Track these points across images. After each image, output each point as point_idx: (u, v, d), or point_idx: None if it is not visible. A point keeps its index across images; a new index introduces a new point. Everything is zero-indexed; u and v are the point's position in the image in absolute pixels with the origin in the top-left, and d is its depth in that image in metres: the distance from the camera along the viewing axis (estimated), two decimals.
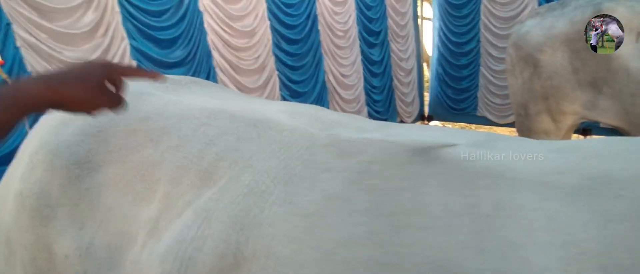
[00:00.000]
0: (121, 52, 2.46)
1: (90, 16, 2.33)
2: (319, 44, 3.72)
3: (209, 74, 2.92)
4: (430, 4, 5.02)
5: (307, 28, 3.56)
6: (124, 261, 0.65)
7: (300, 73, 3.59)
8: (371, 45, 4.23)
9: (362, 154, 0.58)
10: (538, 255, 0.45)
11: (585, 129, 3.57)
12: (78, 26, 2.28)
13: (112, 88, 0.59)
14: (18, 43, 2.07)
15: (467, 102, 4.65)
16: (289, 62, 3.48)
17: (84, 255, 0.67)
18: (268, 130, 0.66)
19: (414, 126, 0.72)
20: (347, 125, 0.68)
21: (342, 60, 3.93)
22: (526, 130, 2.50)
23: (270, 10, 3.26)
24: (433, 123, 5.02)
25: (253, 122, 0.68)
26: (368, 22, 4.13)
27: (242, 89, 3.08)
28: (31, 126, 2.19)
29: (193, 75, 2.79)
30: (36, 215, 0.69)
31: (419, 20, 4.92)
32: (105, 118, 0.74)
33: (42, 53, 2.14)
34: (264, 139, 0.65)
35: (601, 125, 3.17)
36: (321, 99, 3.76)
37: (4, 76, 1.90)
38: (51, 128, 0.74)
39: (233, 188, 0.60)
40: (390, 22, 4.37)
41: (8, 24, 2.02)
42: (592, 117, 2.24)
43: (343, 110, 3.89)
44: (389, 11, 4.34)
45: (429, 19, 5.00)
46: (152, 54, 2.61)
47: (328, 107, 3.78)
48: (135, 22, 2.53)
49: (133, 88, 0.80)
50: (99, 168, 0.69)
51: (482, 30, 4.28)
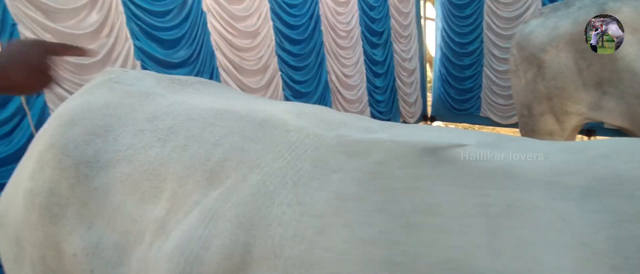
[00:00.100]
0: (125, 52, 2.47)
1: (94, 17, 2.34)
2: (322, 44, 3.72)
3: (212, 74, 2.93)
4: (433, 4, 5.01)
5: (310, 28, 3.56)
6: (132, 260, 0.65)
7: (303, 73, 3.59)
8: (374, 45, 4.23)
9: (371, 154, 0.58)
10: (551, 256, 0.45)
11: (589, 130, 3.56)
12: (82, 27, 2.30)
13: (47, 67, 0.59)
14: None
15: (470, 102, 4.63)
16: (292, 62, 3.49)
17: (92, 254, 0.67)
18: (274, 130, 0.66)
19: (420, 127, 0.72)
20: (354, 125, 0.68)
21: (345, 60, 3.93)
22: (530, 131, 2.49)
23: (273, 10, 3.26)
24: (436, 124, 5.00)
25: (259, 122, 0.68)
26: (371, 22, 4.13)
27: (245, 89, 3.08)
28: (36, 127, 2.19)
29: (196, 75, 2.80)
30: (46, 213, 0.70)
31: (422, 20, 4.91)
32: (113, 118, 0.74)
33: None
34: (270, 139, 0.65)
35: (605, 126, 3.16)
36: (324, 99, 3.76)
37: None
38: (60, 127, 0.74)
39: (240, 188, 0.60)
40: (393, 22, 4.36)
41: (14, 25, 2.04)
42: (597, 117, 2.23)
43: (345, 110, 3.89)
44: (392, 11, 4.33)
45: (432, 19, 4.99)
46: (156, 54, 2.62)
47: (330, 107, 3.77)
48: (139, 22, 2.54)
49: (140, 89, 0.81)
50: (107, 168, 0.70)
51: (485, 30, 4.26)
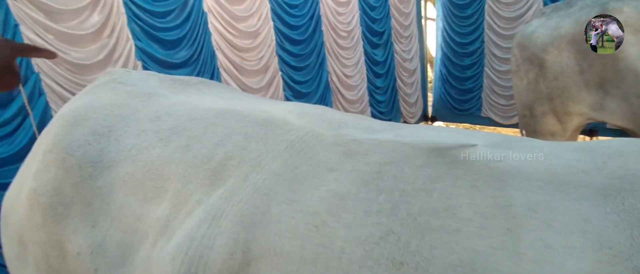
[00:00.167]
0: (126, 52, 2.48)
1: (96, 17, 2.35)
2: (323, 45, 3.72)
3: (213, 75, 2.93)
4: (433, 4, 5.01)
5: (311, 29, 3.56)
6: (135, 259, 0.66)
7: (303, 73, 3.59)
8: (374, 45, 4.23)
9: (372, 154, 0.58)
10: (573, 259, 0.44)
11: (591, 130, 3.55)
12: (84, 27, 2.30)
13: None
14: None
15: (471, 102, 4.63)
16: (293, 62, 3.49)
17: (96, 253, 0.67)
18: (275, 129, 0.66)
19: (424, 127, 0.71)
20: (355, 125, 0.68)
21: (346, 60, 3.93)
22: (531, 131, 2.49)
23: (273, 11, 3.27)
24: (436, 124, 5.00)
25: (261, 122, 0.69)
26: (371, 22, 4.13)
27: (246, 90, 3.09)
28: (38, 127, 2.19)
29: (197, 75, 2.80)
30: (49, 213, 0.70)
31: (423, 20, 4.92)
32: (116, 118, 0.74)
33: None
34: (271, 138, 0.65)
35: (608, 126, 3.15)
36: (324, 100, 3.76)
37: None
38: (63, 127, 0.74)
39: (241, 187, 0.61)
40: (393, 22, 4.36)
41: (16, 25, 2.05)
42: (599, 118, 2.22)
43: (346, 110, 3.89)
44: (393, 11, 4.33)
45: (433, 20, 4.99)
46: (157, 55, 2.63)
47: (331, 107, 3.76)
48: (140, 23, 2.54)
49: (143, 89, 0.81)
50: (111, 167, 0.70)
51: (487, 30, 4.26)
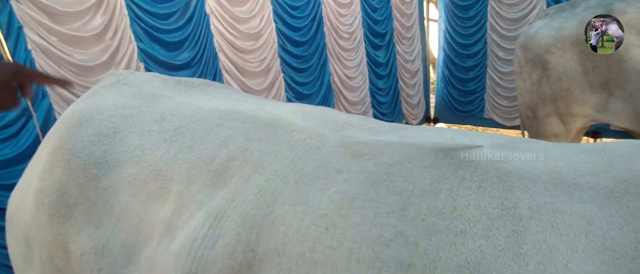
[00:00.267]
0: (129, 54, 2.48)
1: (98, 19, 2.35)
2: (325, 46, 3.72)
3: (215, 76, 2.93)
4: (436, 6, 5.00)
5: (313, 30, 3.57)
6: (139, 259, 0.66)
7: (305, 75, 3.59)
8: (376, 47, 4.23)
9: (379, 155, 0.58)
10: (578, 262, 0.44)
11: (595, 132, 3.53)
12: (87, 29, 2.31)
13: (16, 89, 0.63)
14: (29, 46, 2.11)
15: (474, 104, 4.62)
16: (295, 64, 3.49)
17: (100, 253, 0.67)
18: (278, 130, 0.66)
19: (427, 128, 0.71)
20: (359, 126, 0.68)
21: (348, 62, 3.93)
22: (534, 133, 2.48)
23: (275, 12, 3.27)
24: (439, 125, 4.99)
25: (264, 123, 0.69)
26: (373, 24, 4.12)
27: (248, 91, 3.09)
28: (41, 128, 2.20)
29: (199, 77, 2.81)
30: (54, 213, 0.70)
31: (425, 21, 4.91)
32: (121, 119, 0.74)
33: (52, 56, 2.17)
34: (274, 139, 0.65)
35: (612, 128, 3.14)
36: (326, 101, 3.76)
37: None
38: (68, 129, 0.75)
39: (244, 188, 0.61)
40: (395, 23, 4.36)
41: (20, 27, 2.06)
42: (603, 119, 2.21)
43: (348, 112, 3.89)
44: (395, 13, 4.33)
45: (435, 21, 4.98)
46: (159, 56, 2.63)
47: (333, 108, 3.75)
48: (142, 24, 2.55)
49: (147, 90, 0.81)
50: (115, 168, 0.70)
51: (489, 31, 4.25)
